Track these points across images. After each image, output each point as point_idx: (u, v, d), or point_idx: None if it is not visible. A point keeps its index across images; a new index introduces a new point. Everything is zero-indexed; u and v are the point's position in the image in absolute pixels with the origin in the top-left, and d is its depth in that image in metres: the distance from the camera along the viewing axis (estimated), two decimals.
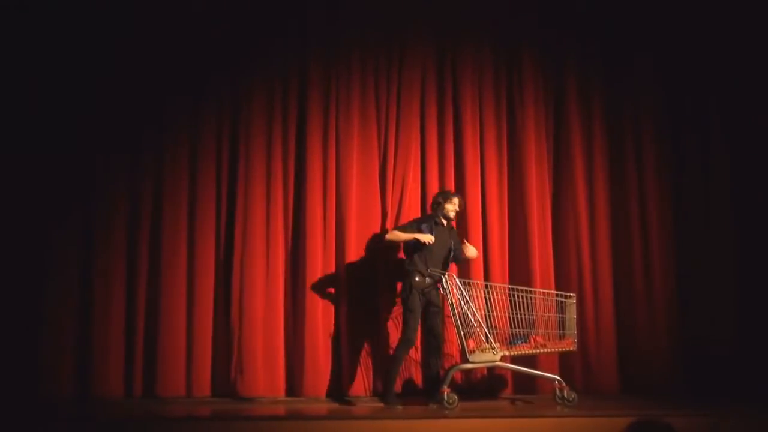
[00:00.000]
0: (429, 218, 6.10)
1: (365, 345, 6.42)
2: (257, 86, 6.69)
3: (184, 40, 6.66)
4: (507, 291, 5.95)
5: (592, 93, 6.97)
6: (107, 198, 6.49)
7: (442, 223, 6.06)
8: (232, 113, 6.68)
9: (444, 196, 6.15)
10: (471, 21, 6.93)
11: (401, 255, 6.26)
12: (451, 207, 6.08)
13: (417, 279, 5.89)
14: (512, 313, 5.85)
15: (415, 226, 6.03)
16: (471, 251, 6.23)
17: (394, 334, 6.28)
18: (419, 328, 5.99)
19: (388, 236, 6.13)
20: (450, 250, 6.04)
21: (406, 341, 5.88)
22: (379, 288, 6.49)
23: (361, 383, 6.37)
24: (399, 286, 6.29)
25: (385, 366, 6.15)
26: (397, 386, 6.18)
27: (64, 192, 6.44)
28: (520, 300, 5.87)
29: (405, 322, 5.92)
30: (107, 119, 6.52)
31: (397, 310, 6.33)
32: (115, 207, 6.49)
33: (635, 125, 6.93)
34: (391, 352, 6.13)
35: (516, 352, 5.83)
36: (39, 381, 6.17)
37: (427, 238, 5.89)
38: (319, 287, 6.46)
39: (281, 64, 6.74)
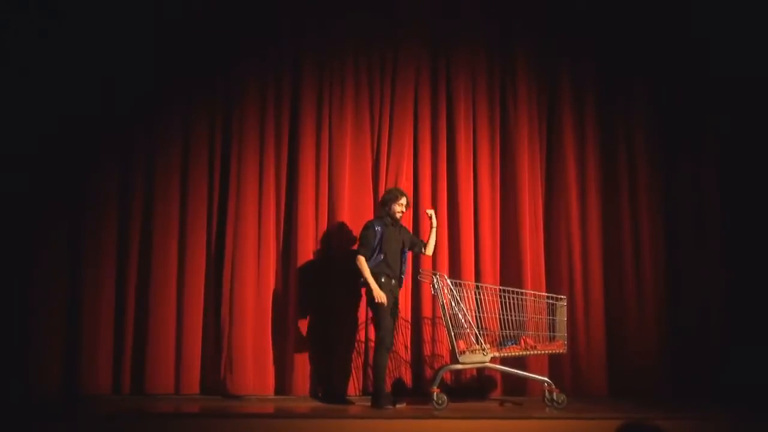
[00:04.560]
0: (380, 219, 6.04)
1: (356, 344, 6.42)
2: (250, 84, 6.67)
3: (177, 39, 6.63)
4: (498, 292, 5.96)
5: (586, 97, 6.98)
6: (98, 195, 6.46)
7: (392, 223, 6.04)
8: (224, 111, 6.66)
9: (392, 196, 6.08)
10: (466, 25, 6.93)
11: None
12: (399, 208, 6.05)
13: (383, 279, 5.86)
14: (503, 315, 5.86)
15: (372, 230, 5.94)
16: (430, 249, 6.23)
17: None
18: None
19: (362, 267, 5.87)
20: (403, 245, 6.06)
21: (383, 344, 5.79)
22: None
23: (351, 382, 6.36)
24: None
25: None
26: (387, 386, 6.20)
27: (53, 190, 6.40)
28: (511, 301, 5.88)
29: (379, 325, 5.81)
30: (99, 117, 6.49)
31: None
32: (105, 204, 6.46)
33: (627, 129, 6.96)
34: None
35: (506, 354, 5.83)
36: (27, 378, 6.14)
37: (380, 296, 5.80)
38: (311, 286, 6.46)
39: (275, 63, 6.73)
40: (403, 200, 6.09)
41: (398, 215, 6.05)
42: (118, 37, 6.57)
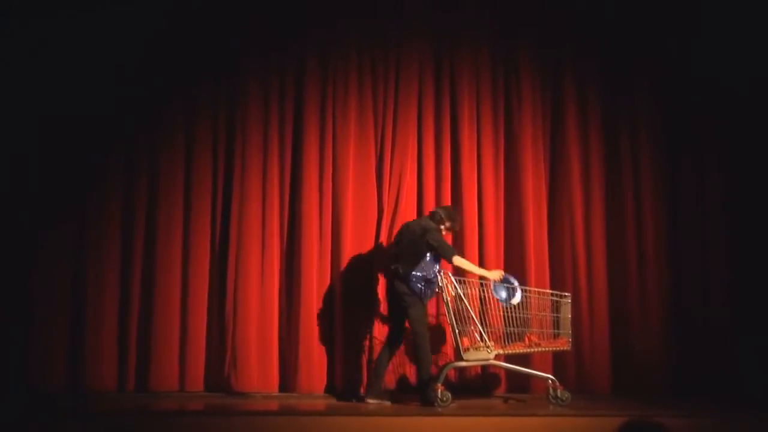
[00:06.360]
0: (438, 226, 6.03)
1: (360, 342, 6.42)
2: (254, 83, 6.66)
3: (179, 38, 6.62)
4: None
5: (589, 94, 6.97)
6: (102, 195, 6.47)
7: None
8: (227, 110, 6.64)
9: (459, 218, 6.25)
10: (469, 23, 6.92)
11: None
12: (450, 229, 6.13)
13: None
14: (507, 312, 5.86)
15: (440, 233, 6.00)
16: None
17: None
18: (400, 326, 5.98)
19: (465, 264, 5.90)
20: None
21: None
22: (375, 284, 6.47)
23: (355, 380, 6.34)
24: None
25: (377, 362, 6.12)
26: (391, 383, 6.24)
27: (57, 191, 6.40)
28: None
29: (424, 322, 5.86)
30: (102, 116, 6.49)
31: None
32: (109, 203, 6.46)
33: (630, 128, 6.95)
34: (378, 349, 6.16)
35: (510, 351, 5.84)
36: (31, 375, 6.16)
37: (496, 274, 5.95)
38: (314, 284, 6.45)
39: (278, 61, 6.72)
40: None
41: (444, 233, 6.04)
42: (119, 35, 6.55)
